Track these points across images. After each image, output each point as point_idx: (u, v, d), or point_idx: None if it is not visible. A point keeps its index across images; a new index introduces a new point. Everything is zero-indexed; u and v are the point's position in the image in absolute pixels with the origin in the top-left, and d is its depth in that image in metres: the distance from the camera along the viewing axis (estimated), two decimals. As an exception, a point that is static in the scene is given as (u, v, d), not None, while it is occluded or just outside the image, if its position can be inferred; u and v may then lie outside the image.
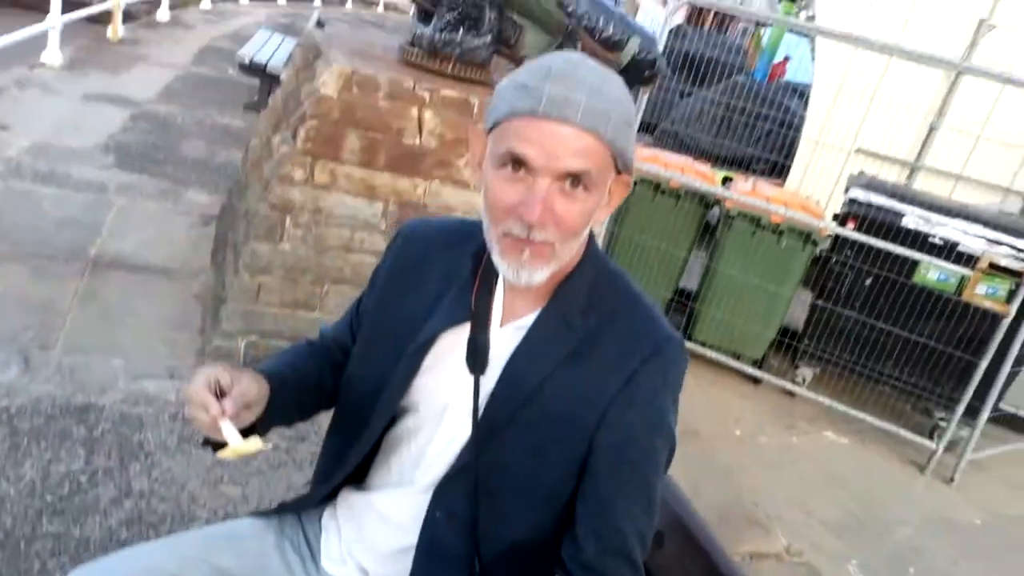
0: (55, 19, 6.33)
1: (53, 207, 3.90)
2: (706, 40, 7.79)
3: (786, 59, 8.30)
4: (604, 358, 1.04)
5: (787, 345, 4.56)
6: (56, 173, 4.31)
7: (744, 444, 3.88)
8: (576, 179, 0.95)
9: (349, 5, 19.11)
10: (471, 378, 1.06)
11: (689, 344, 4.45)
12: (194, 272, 3.68)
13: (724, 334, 4.42)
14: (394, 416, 1.14)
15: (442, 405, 1.10)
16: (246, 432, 1.03)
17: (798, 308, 4.62)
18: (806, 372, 4.46)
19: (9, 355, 2.71)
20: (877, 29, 5.86)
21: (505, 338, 1.07)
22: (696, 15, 10.66)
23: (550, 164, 0.93)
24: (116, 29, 8.00)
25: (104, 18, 7.94)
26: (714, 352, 4.41)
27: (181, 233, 4.05)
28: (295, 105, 3.11)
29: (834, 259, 4.25)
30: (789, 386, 4.38)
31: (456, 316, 1.08)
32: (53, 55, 6.41)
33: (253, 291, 2.96)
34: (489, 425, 1.04)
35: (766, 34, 9.87)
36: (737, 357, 4.43)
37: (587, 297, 1.06)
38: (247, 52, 6.57)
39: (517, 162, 0.95)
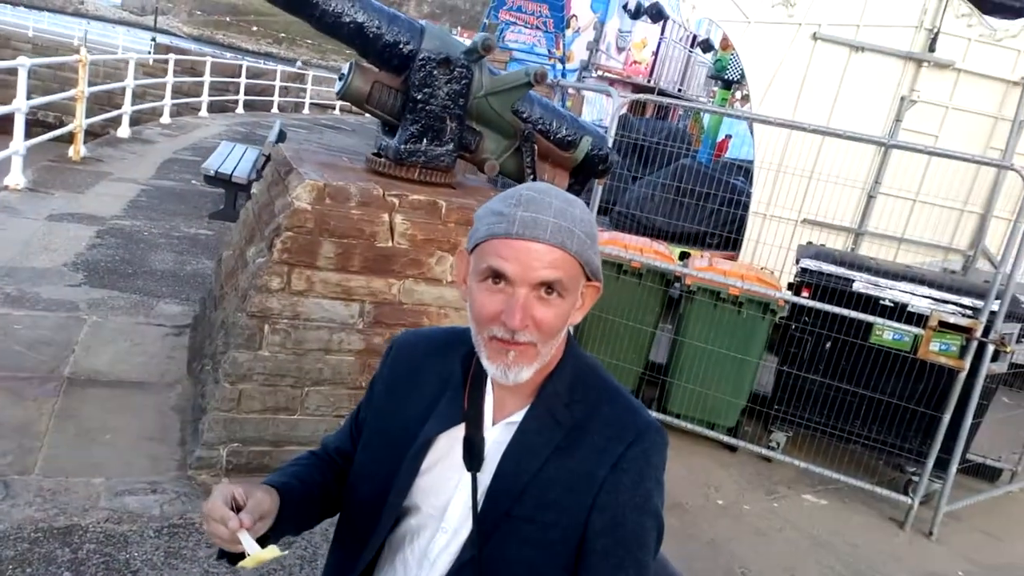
0: (19, 143, 6.45)
1: (25, 329, 3.90)
2: (649, 127, 8.24)
3: (728, 137, 8.79)
4: (591, 446, 1.13)
5: (758, 412, 4.68)
6: (25, 295, 4.32)
7: (728, 513, 3.92)
8: (550, 287, 1.08)
9: (306, 110, 19.71)
10: (469, 476, 1.15)
11: (664, 416, 4.55)
12: (170, 383, 3.68)
13: (697, 404, 4.53)
14: (398, 517, 1.22)
15: (443, 503, 1.18)
16: (260, 542, 1.10)
17: (765, 375, 4.77)
18: (779, 436, 4.57)
19: (-12, 482, 2.68)
20: (809, 109, 6.31)
21: (498, 435, 1.16)
22: (639, 105, 11.27)
23: (526, 275, 1.07)
24: (78, 148, 8.14)
25: (66, 138, 8.10)
26: (689, 423, 4.51)
27: (155, 345, 4.06)
28: (269, 217, 3.23)
29: (794, 326, 4.43)
30: (764, 451, 4.47)
31: (451, 418, 1.18)
32: (16, 178, 6.50)
33: (234, 399, 2.99)
34: (488, 519, 1.12)
35: (705, 116, 10.46)
36: (712, 426, 4.53)
37: (569, 391, 1.16)
38: (212, 164, 6.75)
39: (497, 275, 1.08)
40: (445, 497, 1.17)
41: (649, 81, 13.63)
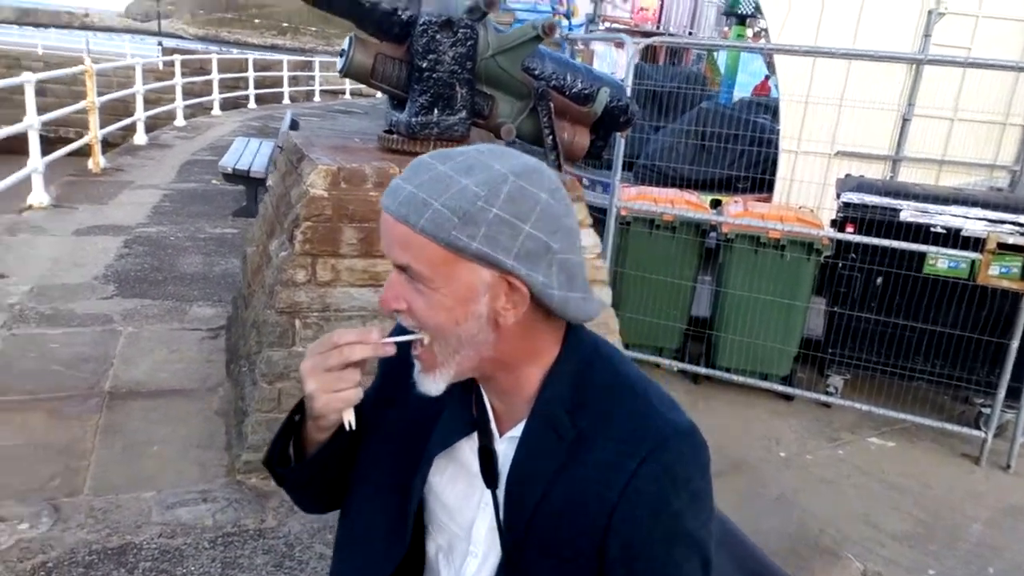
0: (36, 161, 6.45)
1: (61, 347, 3.89)
2: (664, 73, 7.94)
3: (767, 77, 8.44)
4: (598, 463, 0.92)
5: (812, 357, 4.51)
6: (60, 312, 4.32)
7: (792, 465, 3.79)
8: (406, 271, 0.89)
9: (317, 98, 19.59)
10: (489, 493, 0.99)
11: (714, 371, 4.40)
12: (212, 388, 3.64)
13: (747, 355, 4.37)
14: (424, 530, 1.09)
15: (468, 523, 1.03)
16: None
17: (815, 318, 4.59)
18: (836, 381, 4.40)
19: (38, 507, 2.66)
20: (831, 34, 6.00)
21: (505, 449, 0.99)
22: (650, 51, 10.93)
23: (386, 252, 0.91)
24: (97, 160, 8.15)
25: (84, 150, 8.10)
26: (740, 376, 4.36)
27: (192, 350, 4.03)
28: (287, 209, 3.13)
29: (841, 264, 4.23)
30: (822, 398, 4.32)
31: (462, 425, 1.02)
32: (39, 196, 6.51)
33: (274, 399, 2.93)
34: (512, 540, 0.97)
35: (719, 57, 10.09)
36: (764, 377, 4.38)
37: (572, 394, 0.95)
38: (229, 161, 6.69)
39: None
40: (469, 516, 1.02)
41: (658, 27, 13.23)
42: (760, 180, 5.80)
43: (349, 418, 0.98)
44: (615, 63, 10.09)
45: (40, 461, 2.93)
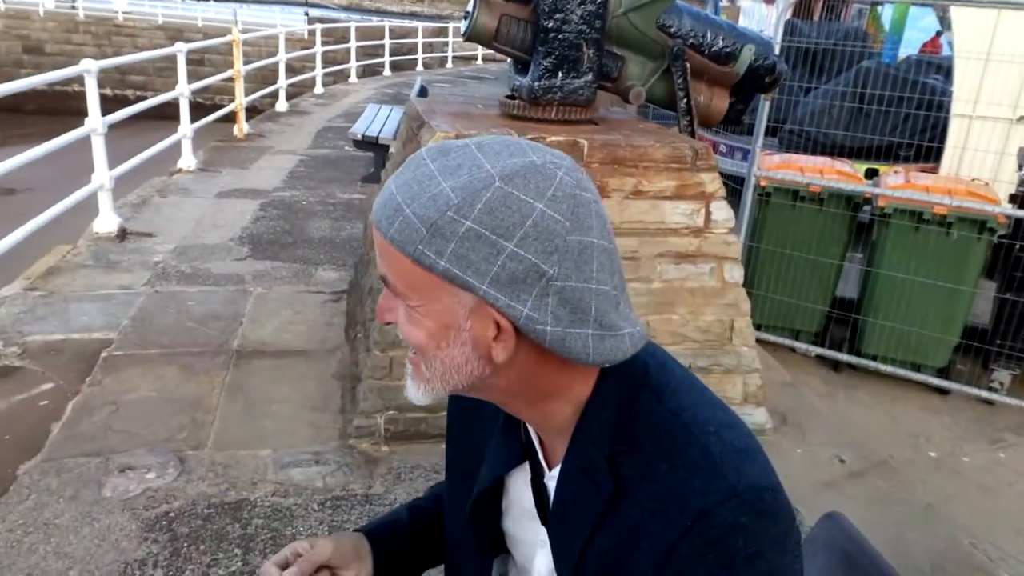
0: (186, 128, 6.83)
1: (196, 304, 4.08)
2: (819, 30, 7.28)
3: (938, 34, 7.56)
4: (636, 526, 0.75)
5: (975, 348, 4.00)
6: (198, 271, 4.54)
7: (943, 467, 3.39)
8: (390, 287, 0.76)
9: (449, 64, 19.79)
10: (545, 530, 0.86)
11: (858, 359, 4.01)
12: (330, 350, 3.70)
13: (898, 343, 3.94)
14: (497, 560, 0.98)
15: (529, 557, 0.91)
16: None
17: (982, 304, 4.07)
18: (1003, 376, 3.90)
19: (166, 458, 2.78)
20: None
21: (553, 486, 0.85)
22: (804, 7, 10.10)
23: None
24: (241, 126, 8.57)
25: (231, 117, 8.54)
26: (889, 365, 3.95)
27: (315, 313, 4.11)
28: (404, 173, 3.07)
29: (1018, 246, 3.70)
30: (984, 394, 3.86)
31: (511, 454, 0.89)
32: (188, 160, 6.91)
33: (386, 367, 2.90)
34: None
35: (883, 12, 9.15)
36: (917, 368, 3.94)
37: (612, 437, 0.77)
38: (359, 128, 6.80)
39: None
40: (529, 551, 0.91)
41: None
42: (926, 148, 5.20)
43: None
44: (764, 20, 9.41)
45: (170, 414, 3.06)
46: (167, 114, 7.67)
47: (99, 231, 4.98)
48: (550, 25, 2.84)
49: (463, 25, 3.03)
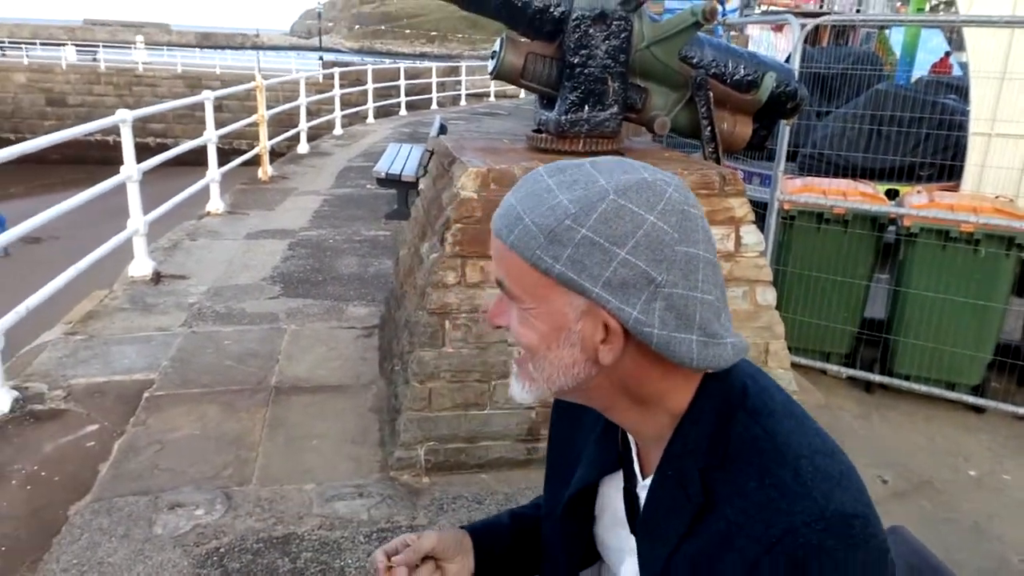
0: (214, 172, 7.00)
1: (233, 344, 4.16)
2: (831, 55, 7.38)
3: (947, 54, 7.63)
4: (720, 539, 0.76)
5: (1009, 364, 3.98)
6: (232, 311, 4.63)
7: (985, 486, 3.35)
8: (506, 290, 0.82)
9: (463, 102, 20.10)
10: (633, 537, 0.90)
11: (890, 379, 4.00)
12: (366, 385, 3.75)
13: (930, 362, 3.93)
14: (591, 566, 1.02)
15: (618, 563, 0.94)
16: None
17: (1014, 321, 4.05)
18: (1040, 392, 3.86)
19: (213, 495, 2.82)
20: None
21: (644, 495, 0.88)
22: (812, 34, 10.22)
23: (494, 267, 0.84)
24: (266, 169, 8.76)
25: (254, 160, 8.73)
26: (923, 385, 3.93)
27: (348, 348, 4.18)
28: (438, 212, 3.15)
29: (1048, 260, 3.70)
30: (1020, 410, 3.82)
31: (606, 461, 0.93)
32: (216, 203, 7.07)
33: (425, 398, 2.95)
34: None
35: (891, 35, 9.24)
36: (951, 387, 3.92)
37: (708, 451, 0.79)
38: (382, 167, 6.95)
39: None
40: (617, 557, 0.94)
41: (821, 7, 12.37)
42: (945, 167, 5.22)
43: None
44: (772, 47, 9.53)
45: (214, 451, 3.12)
46: (188, 160, 7.86)
47: (134, 275, 5.10)
48: (576, 61, 2.93)
49: (490, 64, 3.13)
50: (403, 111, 17.01)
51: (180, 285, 5.06)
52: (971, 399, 3.87)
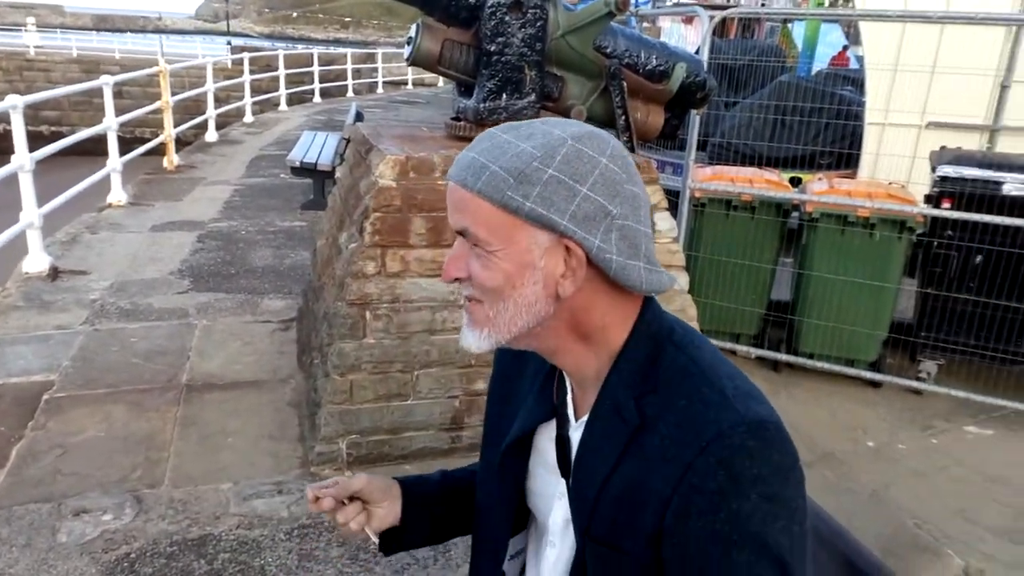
0: (115, 161, 6.66)
1: (140, 340, 3.98)
2: (737, 47, 7.64)
3: (845, 48, 8.02)
4: (656, 452, 0.85)
5: (902, 342, 4.25)
6: (138, 307, 4.43)
7: (882, 456, 3.58)
8: (466, 235, 0.88)
9: (380, 90, 19.78)
10: (563, 481, 0.96)
11: (795, 358, 4.19)
12: (283, 379, 3.66)
13: (831, 341, 4.15)
14: (524, 525, 1.08)
15: (548, 511, 1.00)
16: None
17: (906, 300, 4.32)
18: (929, 366, 4.13)
19: (122, 499, 2.70)
20: (920, -2, 5.62)
21: (579, 435, 0.95)
22: (720, 26, 10.54)
23: (450, 221, 0.90)
24: (171, 158, 8.38)
25: (159, 149, 8.35)
26: (825, 362, 4.14)
27: (264, 342, 4.07)
28: (356, 201, 3.10)
29: (936, 243, 3.96)
30: (914, 384, 4.08)
31: (542, 412, 1.00)
32: (118, 194, 6.73)
33: (346, 391, 2.91)
34: (579, 531, 0.92)
35: (793, 29, 9.64)
36: (851, 363, 4.15)
37: (641, 380, 0.89)
38: (296, 155, 6.77)
39: None
40: (547, 505, 1.01)
41: (728, 0, 12.79)
42: (843, 156, 5.51)
43: (372, 538, 1.09)
44: (683, 39, 9.78)
45: (122, 453, 2.99)
46: (88, 149, 7.45)
47: (29, 271, 4.81)
48: (492, 48, 2.93)
49: (406, 50, 3.09)
50: (317, 98, 16.60)
51: (80, 281, 4.80)
52: (869, 375, 4.11)
